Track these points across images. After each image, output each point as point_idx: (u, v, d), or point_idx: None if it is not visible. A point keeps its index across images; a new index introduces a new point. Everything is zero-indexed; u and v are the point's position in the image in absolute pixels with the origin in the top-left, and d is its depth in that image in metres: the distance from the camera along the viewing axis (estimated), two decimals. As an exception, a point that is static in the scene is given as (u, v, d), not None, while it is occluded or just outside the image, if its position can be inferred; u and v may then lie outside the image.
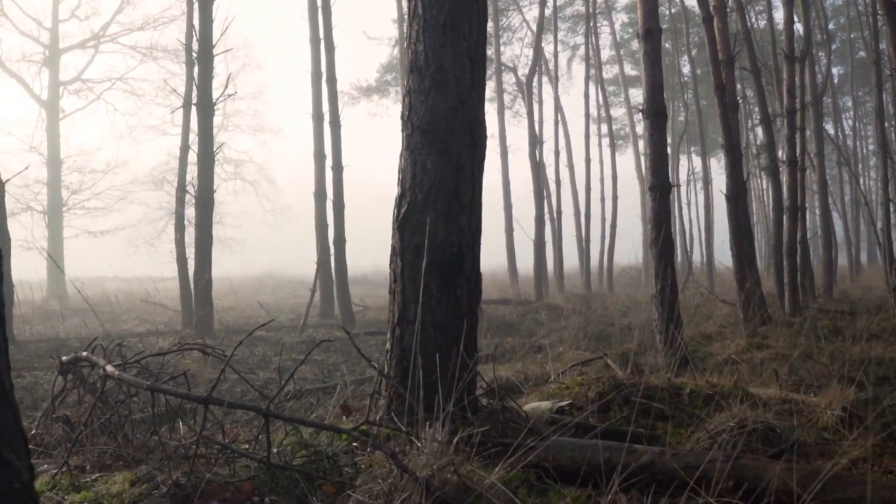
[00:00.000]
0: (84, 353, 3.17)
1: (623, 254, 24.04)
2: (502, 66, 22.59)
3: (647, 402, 3.50)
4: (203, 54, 10.32)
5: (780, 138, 13.05)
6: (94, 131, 40.37)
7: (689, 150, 29.01)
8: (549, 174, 20.94)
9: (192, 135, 11.12)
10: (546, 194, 20.02)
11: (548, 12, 20.96)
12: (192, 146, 10.97)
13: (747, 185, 11.74)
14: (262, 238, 27.63)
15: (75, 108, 22.57)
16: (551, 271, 20.27)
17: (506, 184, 21.70)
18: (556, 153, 20.59)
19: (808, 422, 3.57)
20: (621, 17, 29.08)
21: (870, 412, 3.61)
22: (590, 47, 22.89)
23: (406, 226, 3.18)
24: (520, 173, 39.66)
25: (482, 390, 3.41)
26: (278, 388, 5.43)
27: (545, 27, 20.77)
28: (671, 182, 7.17)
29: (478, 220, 3.26)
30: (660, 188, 6.91)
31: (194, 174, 10.77)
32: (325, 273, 13.23)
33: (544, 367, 6.63)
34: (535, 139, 19.29)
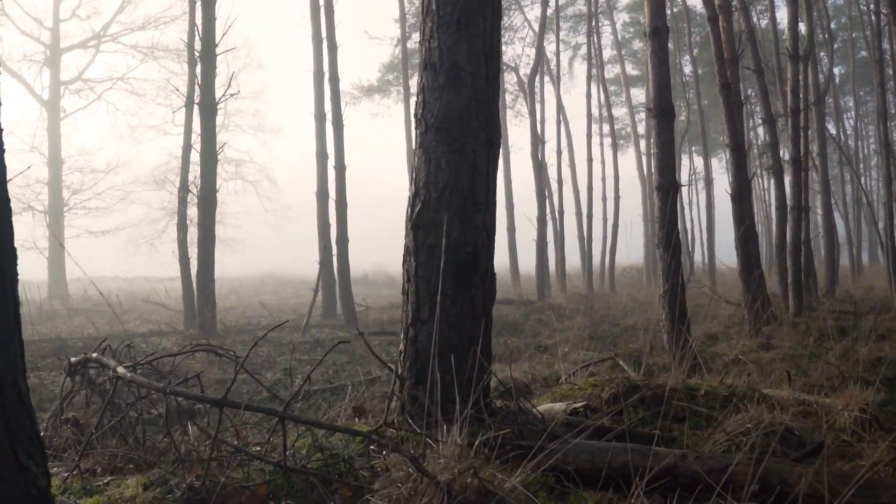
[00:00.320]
0: (94, 354, 3.13)
1: (624, 254, 24.00)
2: (504, 66, 22.55)
3: (663, 404, 3.46)
4: (206, 53, 10.27)
5: (781, 138, 13.02)
6: (95, 131, 40.30)
7: (691, 149, 28.96)
8: (551, 174, 20.92)
9: (194, 135, 11.08)
10: (548, 194, 19.98)
11: (549, 11, 20.92)
12: (194, 146, 10.92)
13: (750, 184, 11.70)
14: (262, 238, 27.59)
15: (76, 108, 22.57)
16: (553, 271, 20.23)
17: (508, 183, 21.66)
18: (558, 153, 20.56)
19: (825, 423, 3.52)
20: (622, 17, 29.07)
21: (886, 414, 3.58)
22: (592, 47, 22.86)
23: (420, 225, 3.14)
24: (521, 173, 39.68)
25: (495, 392, 3.37)
26: (290, 390, 5.41)
27: (546, 26, 20.73)
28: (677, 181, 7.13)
29: (492, 219, 3.22)
30: (667, 187, 6.86)
31: (196, 174, 10.72)
32: (327, 273, 13.17)
33: (551, 367, 6.59)
34: (537, 139, 19.25)
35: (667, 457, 2.46)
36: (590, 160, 21.85)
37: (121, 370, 2.80)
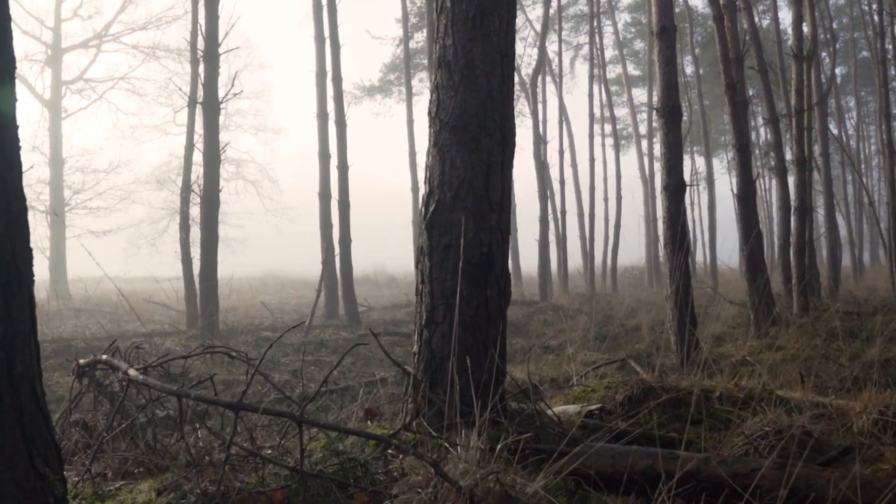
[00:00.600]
0: (104, 356, 3.08)
1: (625, 254, 23.97)
2: (505, 66, 22.47)
3: (680, 407, 3.42)
4: (209, 53, 10.22)
5: (784, 138, 12.97)
6: (97, 131, 40.25)
7: (692, 150, 28.93)
8: (553, 174, 20.88)
9: (196, 134, 11.04)
10: (549, 194, 19.94)
11: (551, 11, 20.88)
12: (197, 145, 10.87)
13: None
14: (263, 238, 27.50)
15: (78, 108, 22.53)
16: (554, 271, 20.18)
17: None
18: (560, 153, 20.53)
19: (842, 426, 3.48)
20: (624, 17, 29.05)
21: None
22: (594, 47, 22.81)
23: (434, 225, 3.09)
24: (523, 173, 39.61)
25: (508, 394, 3.32)
26: (296, 392, 5.36)
27: (548, 26, 20.68)
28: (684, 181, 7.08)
29: (507, 218, 3.17)
30: (675, 187, 6.82)
31: (198, 173, 10.67)
32: (329, 273, 13.13)
33: (558, 368, 6.55)
34: (539, 139, 19.21)
35: (690, 461, 2.42)
36: (592, 160, 21.82)
37: (132, 373, 2.76)
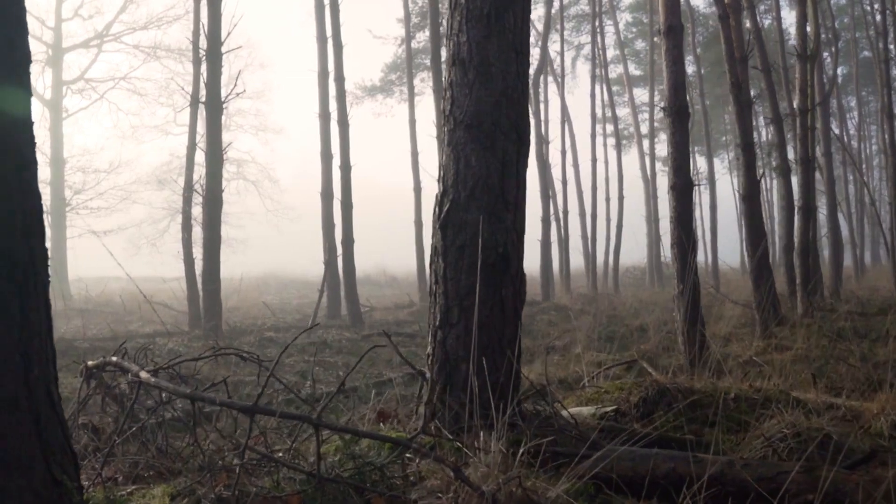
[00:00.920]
0: (113, 357, 3.04)
1: (626, 254, 23.92)
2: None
3: (693, 408, 3.38)
4: (212, 52, 10.17)
5: (787, 138, 12.92)
6: (98, 131, 40.19)
7: (694, 150, 28.89)
8: (554, 174, 20.82)
9: (198, 134, 10.99)
10: (551, 194, 19.89)
11: (553, 11, 20.84)
12: (199, 145, 10.83)
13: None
14: (264, 238, 27.42)
15: (78, 108, 22.48)
16: (557, 271, 20.14)
17: (511, 183, 21.50)
18: (562, 153, 20.48)
19: (860, 428, 3.44)
20: (625, 17, 29.01)
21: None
22: (595, 46, 22.77)
23: (449, 225, 3.05)
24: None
25: (524, 395, 3.28)
26: (304, 393, 5.31)
27: (550, 26, 20.64)
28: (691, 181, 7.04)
29: (522, 218, 3.13)
30: (682, 187, 6.77)
31: (200, 173, 10.63)
32: (332, 273, 13.09)
33: (565, 369, 6.50)
34: (541, 139, 19.17)
35: (713, 464, 2.38)
36: (594, 160, 21.78)
37: (143, 375, 2.71)
